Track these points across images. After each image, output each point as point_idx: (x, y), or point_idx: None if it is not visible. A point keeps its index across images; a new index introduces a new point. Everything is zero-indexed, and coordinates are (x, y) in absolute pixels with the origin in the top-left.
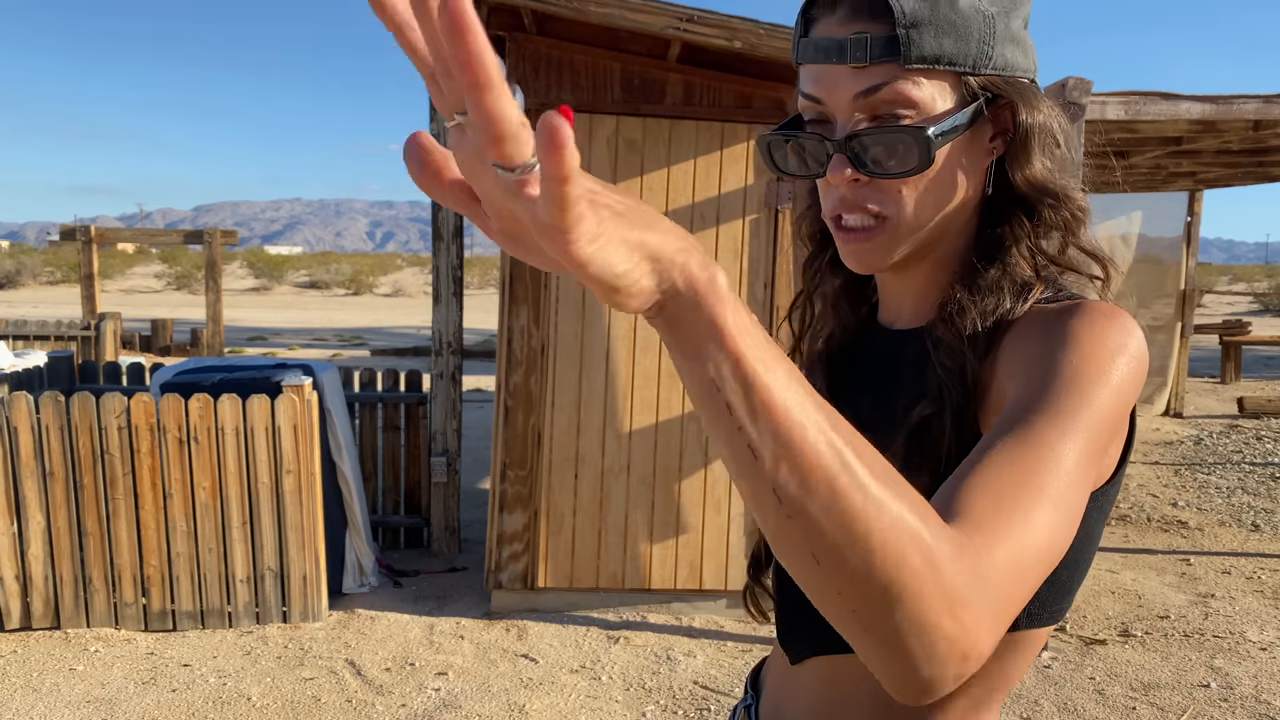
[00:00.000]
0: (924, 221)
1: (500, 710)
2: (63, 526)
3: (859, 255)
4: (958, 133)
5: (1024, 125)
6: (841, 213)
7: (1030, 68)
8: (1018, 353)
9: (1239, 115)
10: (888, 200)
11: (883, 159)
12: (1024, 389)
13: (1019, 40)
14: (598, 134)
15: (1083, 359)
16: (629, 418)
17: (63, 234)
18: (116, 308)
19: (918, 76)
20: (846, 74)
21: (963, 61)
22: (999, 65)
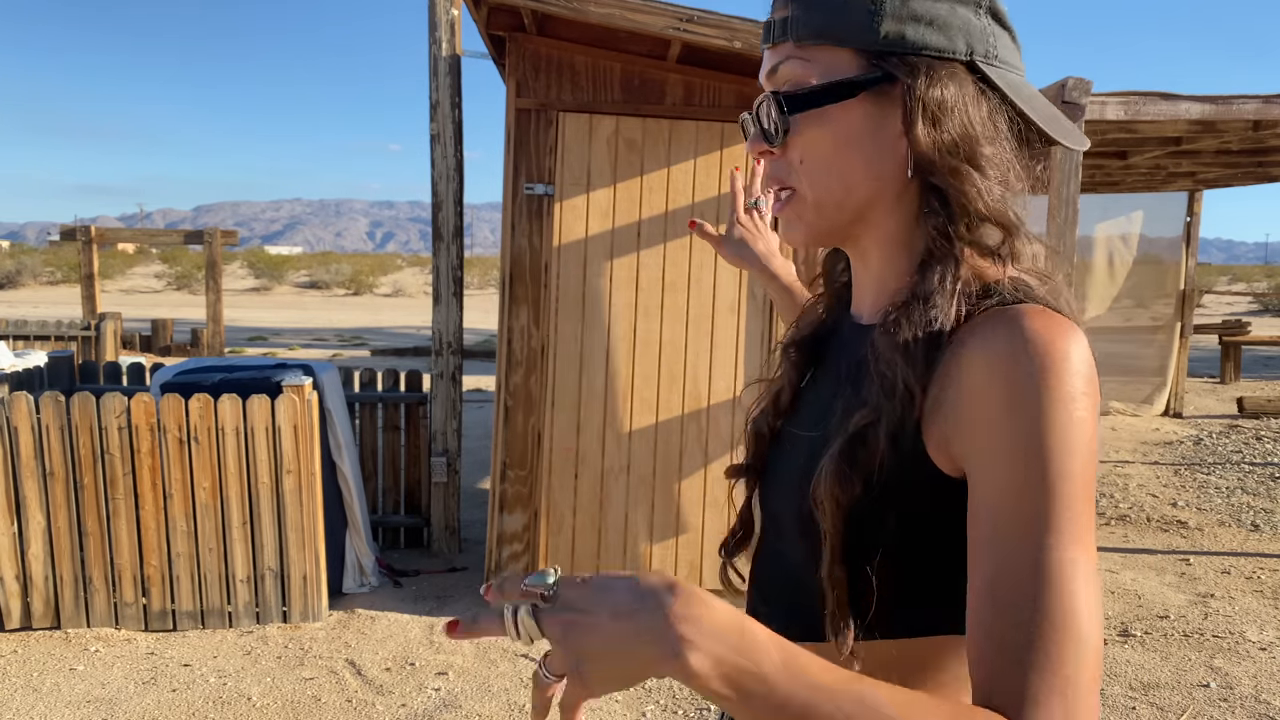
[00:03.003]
0: (828, 196)
1: (500, 710)
2: (63, 526)
3: (781, 227)
4: (823, 99)
5: (908, 99)
6: (766, 186)
7: (958, 49)
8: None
9: (1238, 115)
10: (791, 174)
11: (764, 129)
12: (1003, 496)
13: (936, 21)
14: (598, 134)
15: (1053, 443)
16: (629, 418)
17: (63, 234)
18: (117, 308)
19: (810, 54)
20: (767, 55)
21: (847, 38)
22: (893, 43)
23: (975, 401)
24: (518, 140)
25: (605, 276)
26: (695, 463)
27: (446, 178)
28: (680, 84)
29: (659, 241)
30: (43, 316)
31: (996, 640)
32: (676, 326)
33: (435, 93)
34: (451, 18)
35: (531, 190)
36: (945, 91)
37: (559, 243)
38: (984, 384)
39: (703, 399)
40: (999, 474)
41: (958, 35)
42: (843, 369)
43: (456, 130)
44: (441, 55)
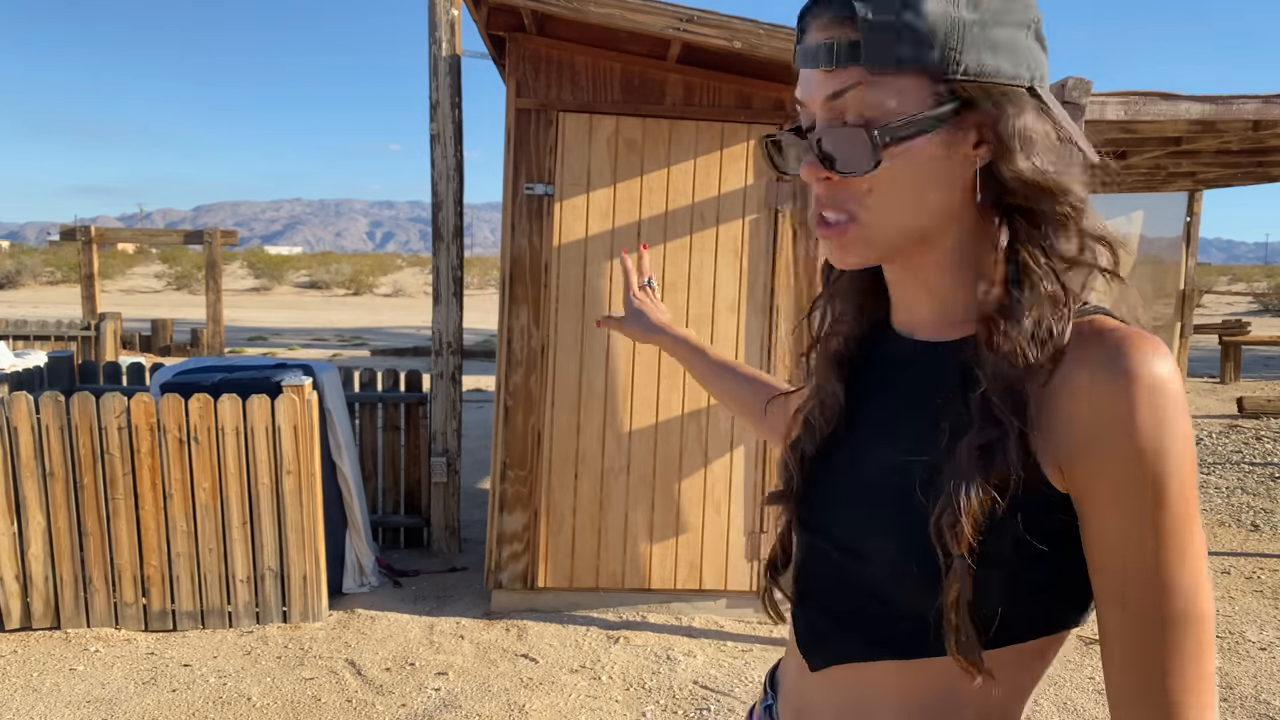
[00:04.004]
0: (894, 222)
1: (500, 710)
2: (63, 526)
3: (834, 251)
4: (913, 132)
5: (1000, 130)
6: (820, 210)
7: (1022, 75)
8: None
9: (1238, 115)
10: (855, 199)
11: (839, 157)
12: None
13: (1007, 47)
14: (598, 134)
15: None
16: (629, 418)
17: (63, 234)
18: (117, 308)
19: (882, 80)
20: (820, 78)
21: (927, 65)
22: (972, 71)
23: (1088, 430)
24: (518, 140)
25: (605, 276)
26: (695, 463)
27: (446, 178)
28: (680, 84)
29: (659, 241)
30: (43, 316)
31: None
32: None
33: (435, 93)
34: (451, 18)
35: (531, 190)
36: (1027, 118)
37: (559, 243)
38: (1094, 413)
39: (703, 399)
40: (1128, 511)
41: (1022, 62)
42: (922, 385)
43: (456, 130)
44: (441, 55)
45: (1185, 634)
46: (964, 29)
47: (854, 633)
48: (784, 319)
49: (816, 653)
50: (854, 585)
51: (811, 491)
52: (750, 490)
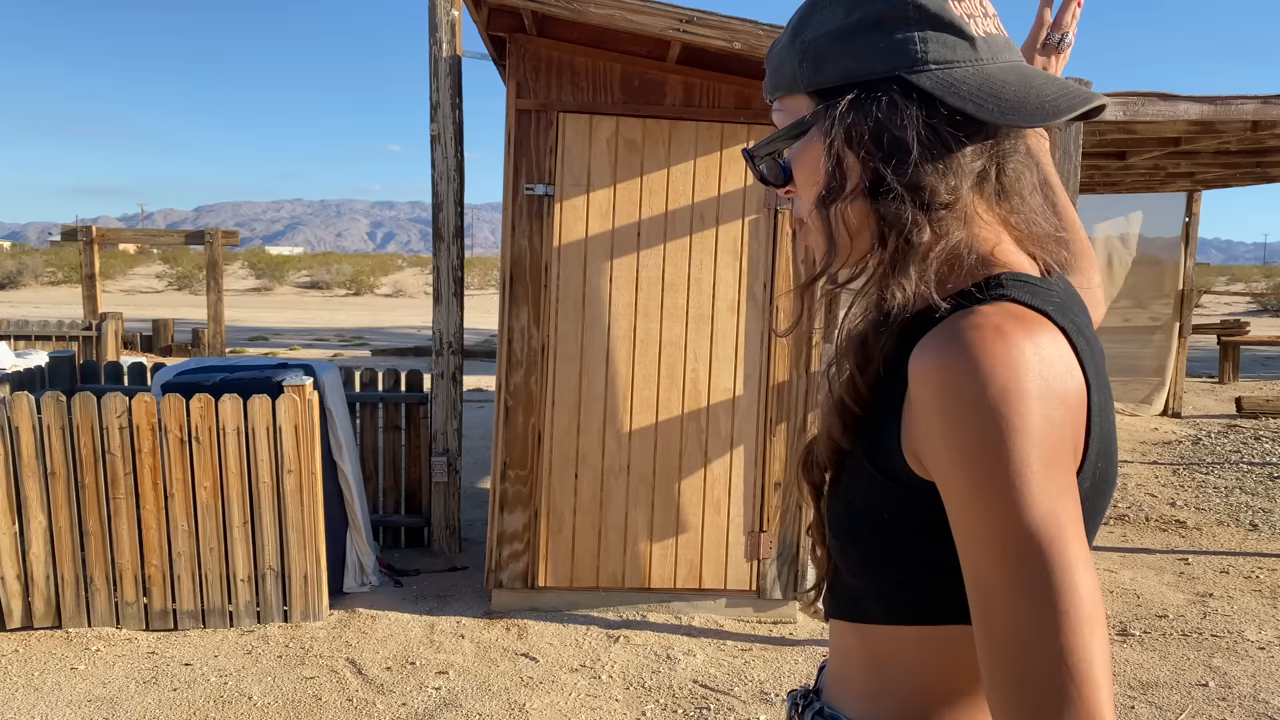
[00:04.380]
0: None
1: (500, 709)
2: (64, 526)
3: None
4: (782, 143)
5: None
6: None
7: (873, 70)
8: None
9: (1237, 116)
10: (798, 207)
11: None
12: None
13: (845, 51)
14: (598, 135)
15: (984, 461)
16: (629, 418)
17: (64, 234)
18: (118, 308)
19: (783, 104)
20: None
21: (796, 86)
22: (829, 79)
23: (918, 416)
24: (518, 141)
25: (605, 276)
26: (695, 463)
27: (447, 178)
28: (680, 85)
29: (659, 242)
30: (44, 317)
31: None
32: (676, 326)
33: (436, 93)
34: (452, 19)
35: (532, 191)
36: (851, 116)
37: (559, 243)
38: (918, 398)
39: (703, 399)
40: (951, 497)
41: (875, 57)
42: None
43: (457, 131)
44: (442, 56)
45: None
46: (810, 47)
47: (829, 592)
48: (784, 318)
49: (825, 607)
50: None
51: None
52: (750, 490)
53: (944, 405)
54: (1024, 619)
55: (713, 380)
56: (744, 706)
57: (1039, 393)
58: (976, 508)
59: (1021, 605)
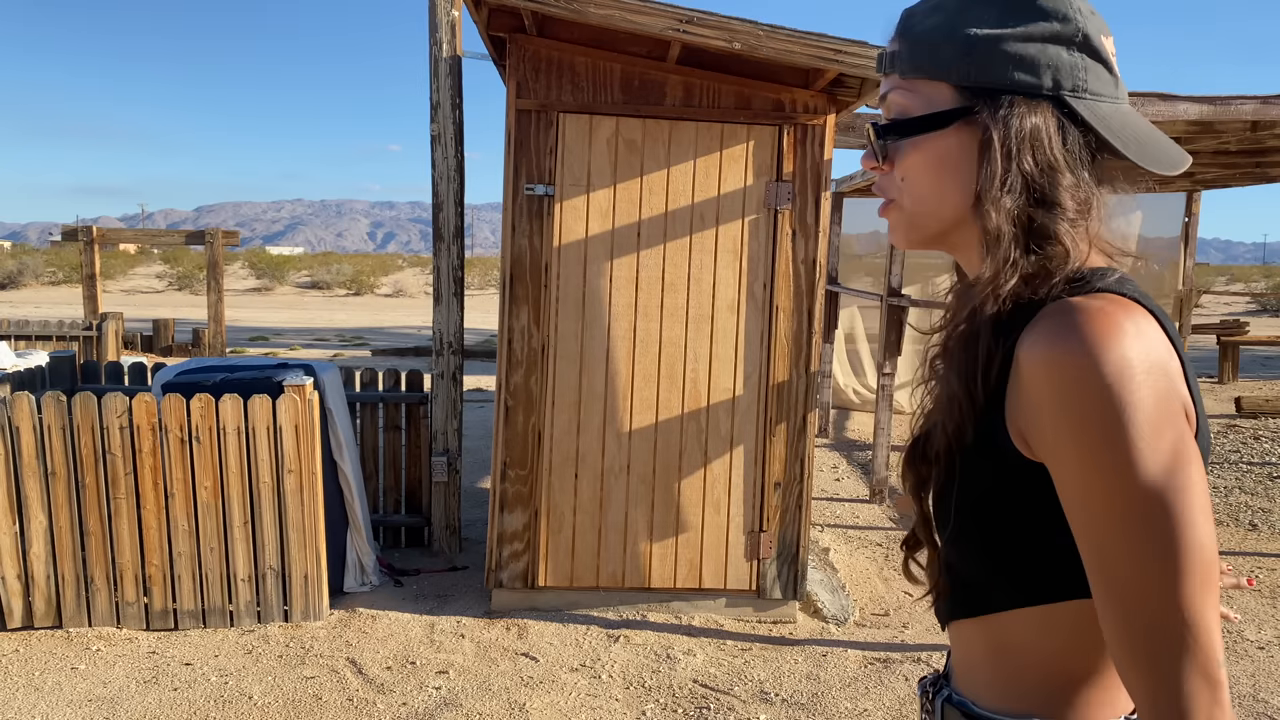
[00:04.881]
0: (922, 209)
1: (501, 709)
2: (65, 526)
3: (888, 231)
4: (917, 130)
5: (984, 134)
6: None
7: (1041, 84)
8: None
9: (1237, 116)
10: (894, 186)
11: (873, 149)
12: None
13: (1019, 58)
14: (598, 135)
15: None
16: (629, 417)
17: (65, 234)
18: (118, 308)
19: (913, 85)
20: (883, 82)
21: (946, 75)
22: (984, 80)
23: (1030, 400)
24: (518, 141)
25: (605, 276)
26: (695, 462)
27: (447, 178)
28: (680, 85)
29: (659, 242)
30: (45, 316)
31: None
32: (676, 326)
33: (436, 94)
34: (452, 19)
35: (532, 191)
36: (1025, 125)
37: (559, 243)
38: (1031, 383)
39: (703, 399)
40: (1068, 474)
41: (1045, 72)
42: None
43: (457, 131)
44: (442, 56)
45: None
46: (978, 43)
47: (945, 593)
48: (784, 318)
49: (936, 612)
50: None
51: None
52: (750, 490)
53: (1060, 387)
54: (1147, 578)
55: (712, 380)
56: (744, 706)
57: (1145, 367)
58: (1096, 480)
59: (1144, 569)
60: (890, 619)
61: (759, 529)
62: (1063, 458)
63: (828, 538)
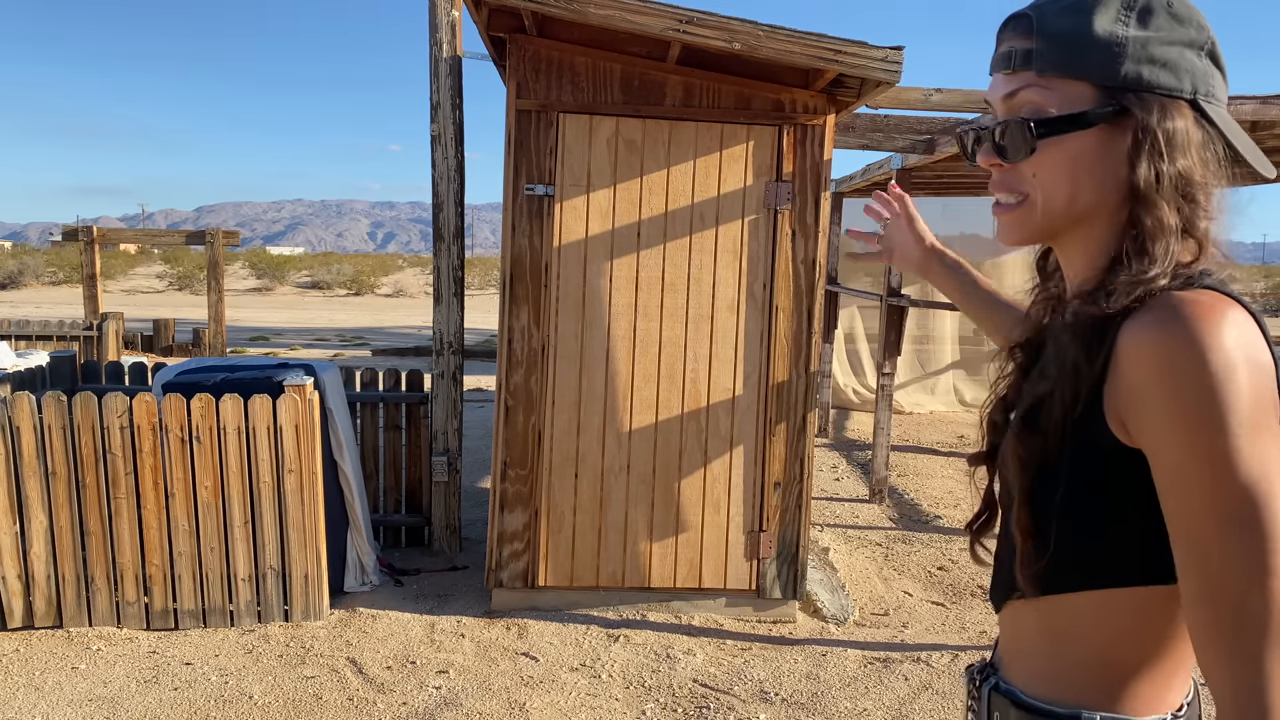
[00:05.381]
0: (1056, 206)
1: (501, 708)
2: (65, 526)
3: (1002, 228)
4: (1067, 128)
5: (1141, 135)
6: (994, 193)
7: (1179, 87)
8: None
9: (1236, 116)
10: (1024, 183)
11: (1004, 145)
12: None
13: (1166, 62)
14: (598, 135)
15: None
16: (629, 417)
17: (65, 234)
18: (119, 308)
19: (1051, 84)
20: (1002, 80)
21: (1090, 75)
22: (1130, 81)
23: (1135, 386)
24: (518, 141)
25: (605, 276)
26: (695, 462)
27: (447, 178)
28: (680, 85)
29: (659, 242)
30: (45, 316)
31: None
32: (676, 326)
33: (436, 94)
34: (452, 19)
35: (532, 191)
36: (1174, 126)
37: (559, 243)
38: (1138, 369)
39: (703, 399)
40: (1169, 460)
41: (1185, 76)
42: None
43: (457, 131)
44: (442, 57)
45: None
46: (1125, 44)
47: (1005, 575)
48: (783, 318)
49: (992, 595)
50: (1005, 530)
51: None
52: (750, 490)
53: (1165, 375)
54: (1238, 570)
55: (712, 380)
56: (744, 706)
57: (1248, 364)
58: (1196, 469)
59: (1236, 557)
60: (890, 619)
61: (759, 529)
62: (1165, 444)
63: (827, 537)
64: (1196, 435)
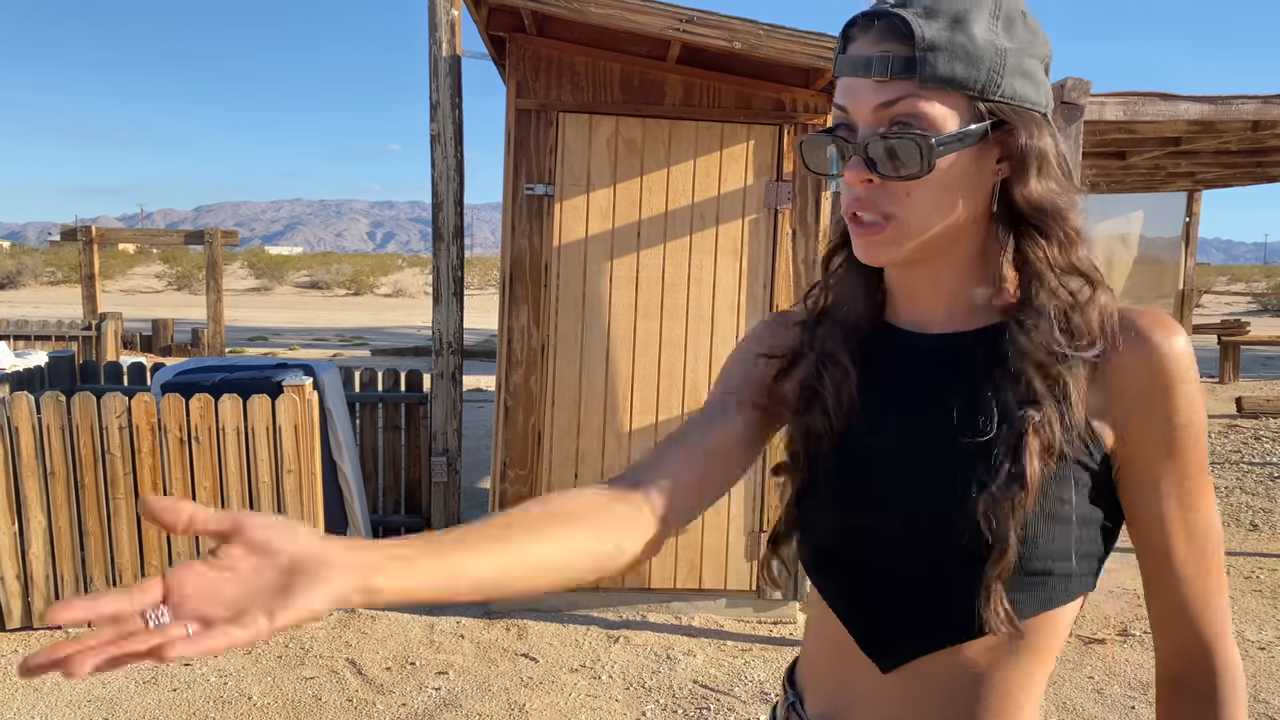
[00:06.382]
0: (928, 225)
1: (500, 709)
2: (64, 526)
3: (868, 249)
4: (959, 145)
5: (1024, 149)
6: (856, 210)
7: (1042, 103)
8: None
9: (1237, 116)
10: (896, 201)
11: (891, 163)
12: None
13: (1031, 76)
14: (598, 135)
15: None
16: (629, 417)
17: (64, 234)
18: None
19: (930, 95)
20: (870, 87)
21: (972, 85)
22: (1008, 94)
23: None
24: (518, 140)
25: (605, 276)
26: None
27: (447, 178)
28: (680, 84)
29: (659, 241)
30: (44, 316)
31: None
32: (676, 326)
33: (435, 93)
34: (451, 18)
35: (531, 190)
36: (1044, 141)
37: (559, 243)
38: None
39: (702, 398)
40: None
41: (1042, 89)
42: (957, 373)
43: (457, 130)
44: (442, 56)
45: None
46: (1004, 55)
47: (931, 621)
48: None
49: (889, 652)
50: (924, 571)
51: (848, 471)
52: (750, 490)
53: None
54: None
55: (712, 379)
56: (744, 707)
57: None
58: (1197, 458)
59: (1218, 527)
60: None
61: (759, 529)
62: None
63: None
64: (1202, 422)
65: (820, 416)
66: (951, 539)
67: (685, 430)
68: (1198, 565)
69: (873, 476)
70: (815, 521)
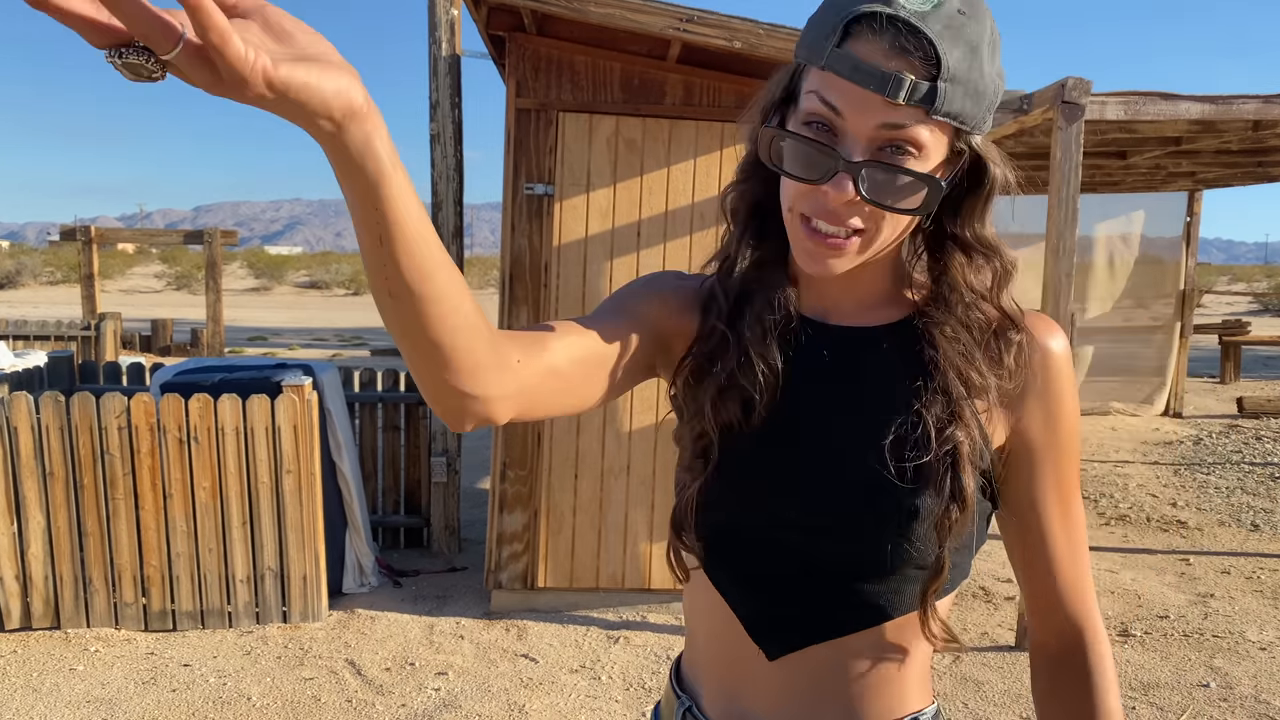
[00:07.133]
0: (888, 242)
1: (500, 710)
2: (63, 526)
3: (823, 260)
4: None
5: (990, 187)
6: (817, 219)
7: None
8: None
9: (1238, 115)
10: (870, 220)
11: (889, 192)
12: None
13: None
14: (598, 134)
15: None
16: (629, 418)
17: (63, 234)
18: (116, 308)
19: (934, 125)
20: (879, 103)
21: (969, 122)
22: (984, 129)
23: (1052, 389)
24: (518, 140)
25: (605, 276)
26: None
27: (446, 177)
28: (680, 84)
29: (659, 241)
30: (43, 316)
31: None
32: None
33: (435, 92)
34: (451, 18)
35: (531, 190)
36: (1000, 172)
37: (559, 243)
38: (1047, 378)
39: None
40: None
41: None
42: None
43: (456, 130)
44: (441, 55)
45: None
46: (998, 93)
47: (824, 612)
48: None
49: (777, 639)
50: (822, 562)
51: (756, 460)
52: None
53: (1068, 369)
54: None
55: None
56: None
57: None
58: (1075, 450)
59: (1084, 511)
60: None
61: None
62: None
63: None
64: (1079, 417)
65: (737, 409)
66: (857, 533)
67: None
68: (1072, 550)
69: (780, 467)
70: (718, 507)
